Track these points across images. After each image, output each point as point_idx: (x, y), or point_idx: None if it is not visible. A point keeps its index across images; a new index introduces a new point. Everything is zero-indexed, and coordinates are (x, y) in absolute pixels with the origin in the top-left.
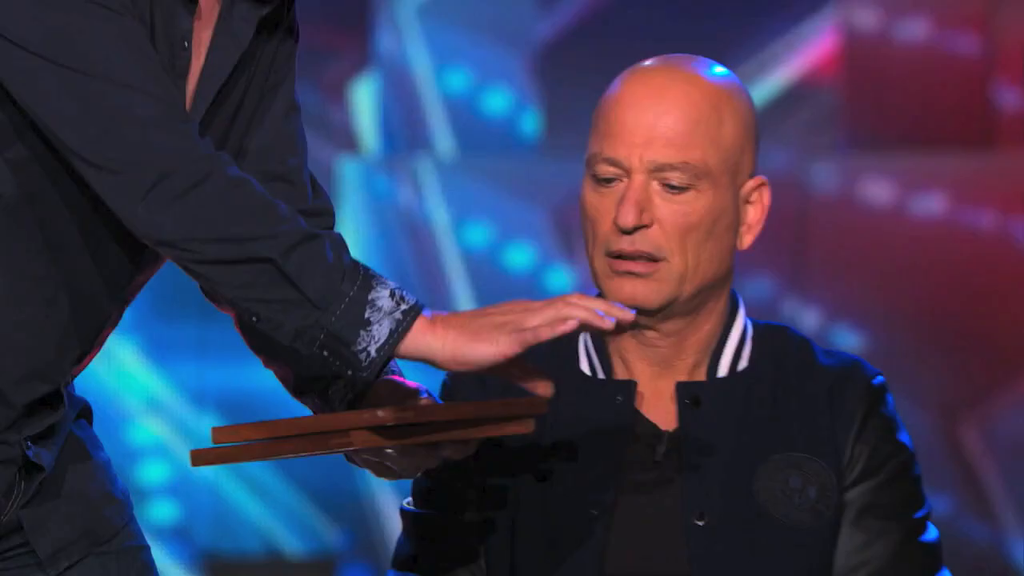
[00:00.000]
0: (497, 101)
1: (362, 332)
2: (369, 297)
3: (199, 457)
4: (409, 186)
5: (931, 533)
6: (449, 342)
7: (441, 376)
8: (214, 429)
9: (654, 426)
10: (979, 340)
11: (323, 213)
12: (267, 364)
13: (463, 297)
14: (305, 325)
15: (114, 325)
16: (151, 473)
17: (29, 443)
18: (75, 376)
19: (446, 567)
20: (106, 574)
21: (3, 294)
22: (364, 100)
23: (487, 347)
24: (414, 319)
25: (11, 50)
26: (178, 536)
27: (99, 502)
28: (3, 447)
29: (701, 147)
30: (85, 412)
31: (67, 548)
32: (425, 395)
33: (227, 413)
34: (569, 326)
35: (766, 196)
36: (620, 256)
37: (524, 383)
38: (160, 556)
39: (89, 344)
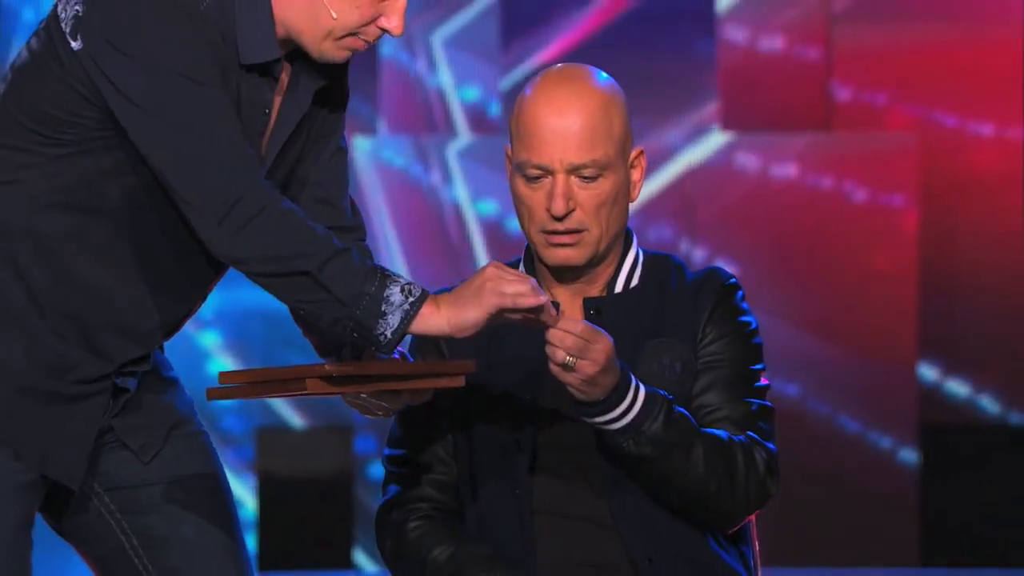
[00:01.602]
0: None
1: (380, 321)
2: (384, 294)
3: (212, 393)
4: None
5: (761, 381)
6: (447, 318)
7: None
8: (221, 374)
9: None
10: (820, 269)
11: (356, 228)
12: (305, 335)
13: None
14: (338, 317)
15: (195, 312)
16: (220, 367)
17: (120, 376)
18: (169, 338)
19: (424, 445)
20: (178, 455)
21: (111, 284)
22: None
23: (475, 312)
24: (419, 308)
25: (123, 101)
26: (234, 415)
27: (169, 407)
28: (105, 380)
29: (602, 145)
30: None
31: (151, 442)
32: (397, 356)
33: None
34: (542, 300)
35: (644, 160)
36: (555, 232)
37: (525, 324)
38: (220, 430)
39: (175, 326)
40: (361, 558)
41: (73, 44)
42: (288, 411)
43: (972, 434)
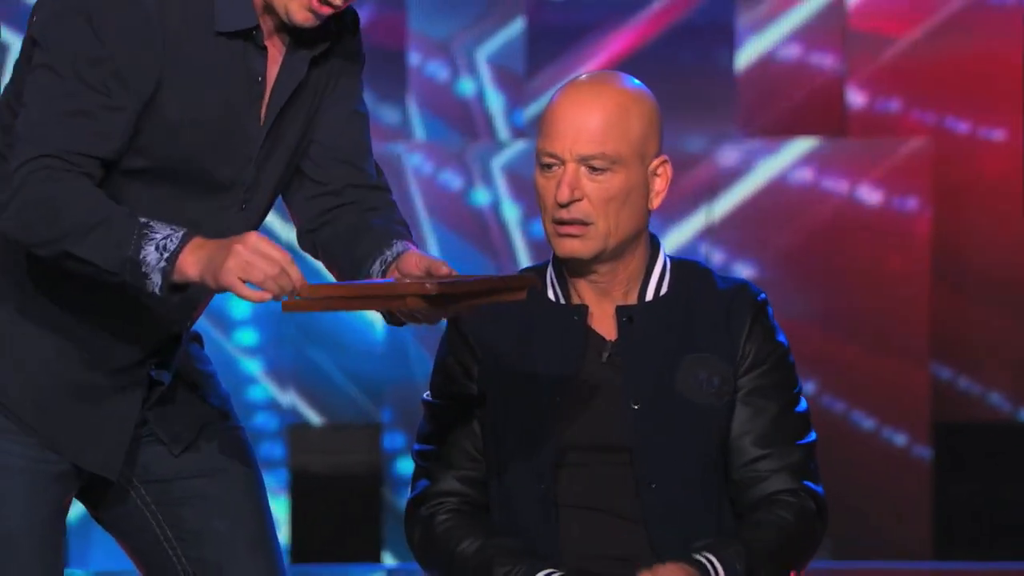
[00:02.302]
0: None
1: (146, 282)
2: (141, 256)
3: (289, 307)
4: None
5: (802, 405)
6: (199, 274)
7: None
8: (304, 285)
9: (600, 337)
10: (835, 270)
11: (382, 188)
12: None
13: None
14: (119, 282)
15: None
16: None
17: (153, 367)
18: (194, 323)
19: (453, 441)
20: (210, 449)
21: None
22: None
23: (222, 280)
24: (174, 265)
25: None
26: (267, 412)
27: (205, 401)
28: (138, 371)
29: (614, 140)
30: (196, 338)
31: (184, 434)
32: (448, 265)
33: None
34: (264, 297)
35: (668, 170)
36: (561, 222)
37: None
38: (252, 427)
39: (195, 307)
40: (390, 552)
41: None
42: (318, 409)
43: (984, 431)
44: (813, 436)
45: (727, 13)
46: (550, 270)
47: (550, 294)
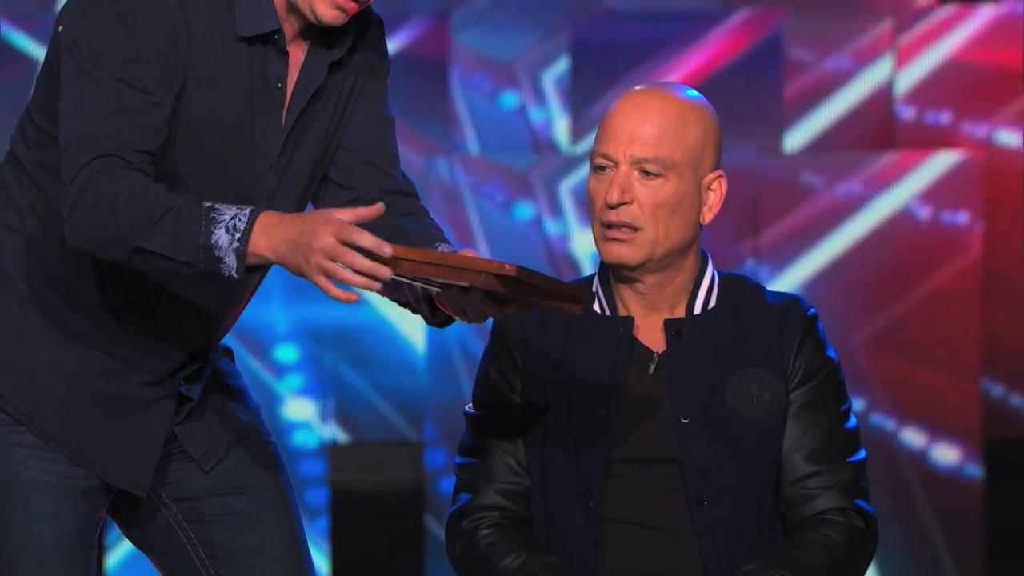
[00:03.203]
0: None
1: (221, 266)
2: (212, 241)
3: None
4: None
5: (852, 422)
6: (273, 252)
7: None
8: (395, 248)
9: (647, 349)
10: (884, 285)
11: (410, 193)
12: None
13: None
14: (193, 272)
15: (245, 305)
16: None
17: (182, 382)
18: (221, 337)
19: (495, 455)
20: (241, 464)
21: (169, 296)
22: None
23: (299, 269)
24: (246, 245)
25: (63, 91)
26: (307, 429)
27: (235, 416)
28: (166, 386)
29: (668, 147)
30: (228, 353)
31: (214, 450)
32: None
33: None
34: (352, 297)
35: (723, 185)
36: (610, 225)
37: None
38: (292, 445)
39: (220, 321)
40: (432, 571)
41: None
42: (358, 426)
43: None
44: (863, 454)
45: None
46: (596, 282)
47: (595, 306)
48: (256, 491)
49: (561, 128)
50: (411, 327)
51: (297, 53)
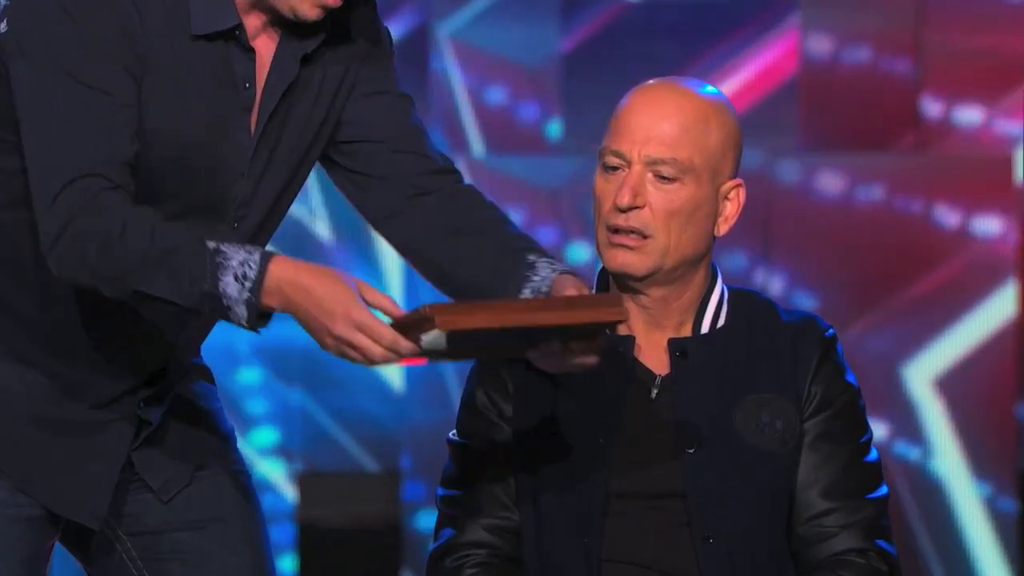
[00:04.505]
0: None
1: (230, 314)
2: (220, 290)
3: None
4: None
5: (873, 454)
6: (283, 306)
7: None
8: (437, 312)
9: (649, 371)
10: (909, 300)
11: (451, 171)
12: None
13: None
14: (198, 314)
15: (213, 324)
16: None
17: (141, 404)
18: (188, 357)
19: (482, 486)
20: (204, 495)
21: (121, 313)
22: None
23: (314, 335)
24: (259, 296)
25: (16, 95)
26: (275, 457)
27: (201, 442)
28: (122, 408)
29: (688, 148)
30: (203, 373)
31: (174, 479)
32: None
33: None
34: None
35: (742, 195)
36: (617, 230)
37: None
38: (256, 475)
39: (178, 342)
40: None
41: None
42: (330, 455)
43: None
44: (885, 490)
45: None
46: (593, 286)
47: None
48: (220, 526)
49: (554, 126)
50: None
51: (268, 47)
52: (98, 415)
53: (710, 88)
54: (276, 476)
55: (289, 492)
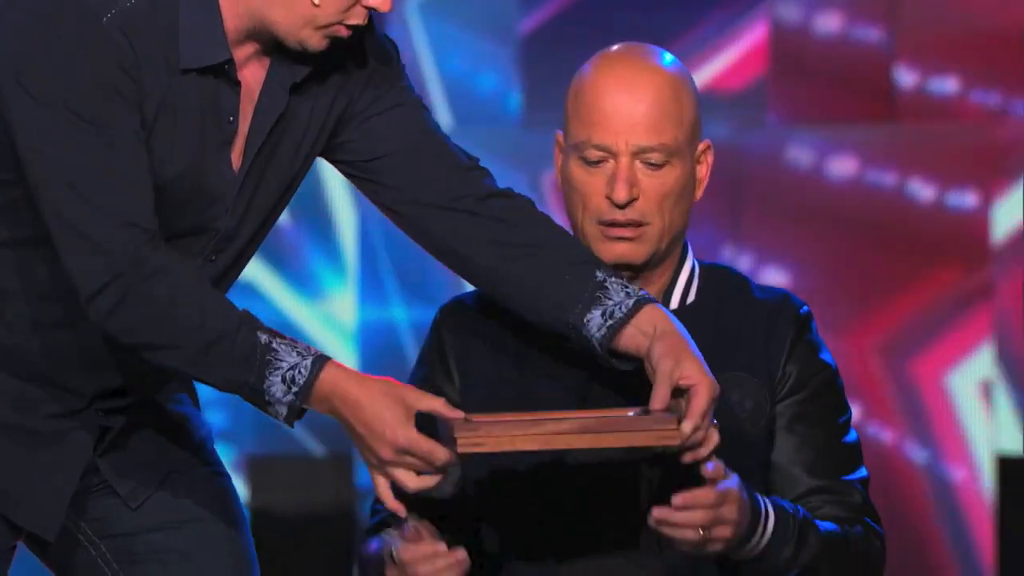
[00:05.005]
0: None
1: (268, 409)
2: (264, 386)
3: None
4: None
5: (851, 435)
6: (330, 412)
7: None
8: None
9: None
10: (882, 278)
11: (479, 168)
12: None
13: None
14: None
15: None
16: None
17: (102, 413)
18: (156, 378)
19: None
20: (176, 498)
21: (62, 315)
22: None
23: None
24: (306, 400)
25: (17, 135)
26: (221, 442)
27: (171, 447)
28: (82, 416)
29: (670, 130)
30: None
31: (142, 485)
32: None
33: None
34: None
35: (711, 156)
36: (614, 224)
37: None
38: None
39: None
40: None
41: None
42: (281, 437)
43: None
44: (864, 472)
45: None
46: None
47: None
48: (197, 526)
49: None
50: (341, 320)
51: (257, 75)
52: (55, 424)
53: (669, 56)
54: (224, 459)
55: (238, 476)
